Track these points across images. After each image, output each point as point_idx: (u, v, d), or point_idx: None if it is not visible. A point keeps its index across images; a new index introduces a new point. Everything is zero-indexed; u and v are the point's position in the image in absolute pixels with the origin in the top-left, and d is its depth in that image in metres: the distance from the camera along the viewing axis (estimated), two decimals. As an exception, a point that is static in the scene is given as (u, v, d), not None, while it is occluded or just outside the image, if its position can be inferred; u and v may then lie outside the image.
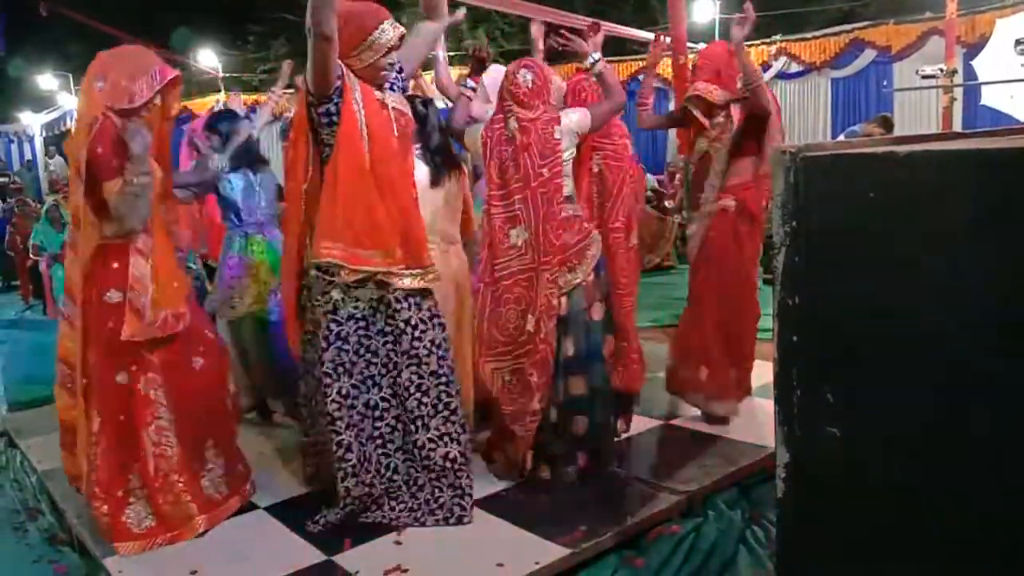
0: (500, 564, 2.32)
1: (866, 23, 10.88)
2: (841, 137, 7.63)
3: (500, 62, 3.83)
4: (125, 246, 2.54)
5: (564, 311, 2.83)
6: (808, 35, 11.15)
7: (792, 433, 1.26)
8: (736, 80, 3.35)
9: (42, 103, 17.83)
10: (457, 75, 4.63)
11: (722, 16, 14.09)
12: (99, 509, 2.57)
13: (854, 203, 1.15)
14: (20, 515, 3.04)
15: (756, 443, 3.16)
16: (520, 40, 18.32)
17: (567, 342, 2.86)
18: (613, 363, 3.05)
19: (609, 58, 6.63)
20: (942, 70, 7.24)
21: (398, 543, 2.51)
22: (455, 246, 3.16)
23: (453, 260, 3.10)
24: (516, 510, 2.69)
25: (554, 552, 2.38)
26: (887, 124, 6.45)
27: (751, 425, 3.37)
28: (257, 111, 4.26)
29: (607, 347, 2.96)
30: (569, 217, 2.85)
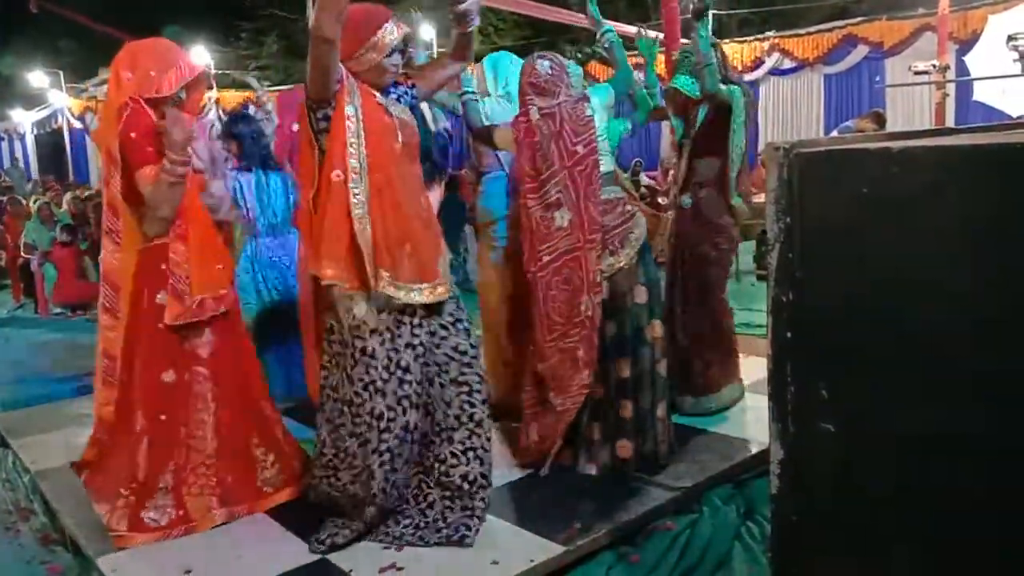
0: (495, 562, 2.32)
1: (859, 19, 10.92)
2: (834, 133, 7.65)
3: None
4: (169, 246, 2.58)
5: (606, 294, 2.82)
6: (801, 31, 11.20)
7: (786, 429, 1.26)
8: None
9: (33, 100, 17.76)
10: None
11: (715, 12, 14.11)
12: (120, 501, 2.58)
13: (848, 199, 1.15)
14: (12, 516, 3.02)
15: (751, 439, 3.16)
16: (513, 36, 18.32)
17: (609, 325, 2.85)
18: (662, 348, 2.97)
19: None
20: (935, 66, 7.27)
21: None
22: None
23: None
24: (511, 507, 2.68)
25: (549, 549, 2.38)
26: (880, 120, 6.46)
27: (746, 421, 3.37)
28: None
29: (652, 331, 2.92)
30: (611, 199, 2.86)
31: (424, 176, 2.74)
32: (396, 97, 2.48)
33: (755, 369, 3.50)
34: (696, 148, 3.38)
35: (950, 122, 8.17)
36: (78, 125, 16.63)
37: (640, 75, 3.29)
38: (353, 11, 2.30)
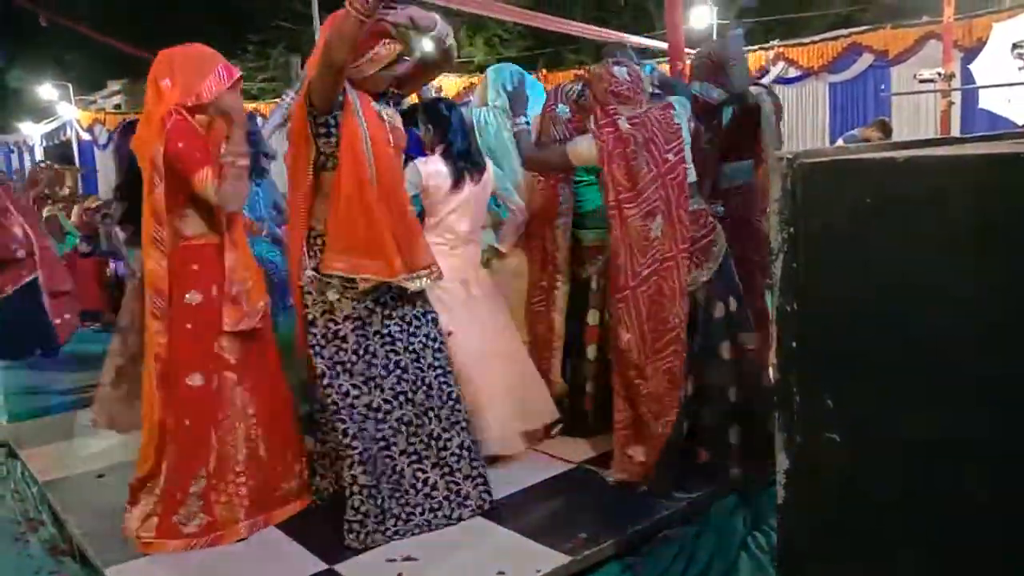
0: (501, 572, 2.32)
1: (864, 28, 10.91)
2: (839, 142, 7.64)
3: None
4: (204, 247, 2.60)
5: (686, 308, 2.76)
6: (806, 40, 11.19)
7: (792, 439, 1.26)
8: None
9: (42, 113, 17.89)
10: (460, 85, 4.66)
11: (719, 21, 14.14)
12: (149, 506, 2.58)
13: (852, 209, 1.15)
14: (21, 526, 3.03)
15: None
16: (517, 47, 18.40)
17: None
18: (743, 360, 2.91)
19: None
20: (940, 74, 7.27)
21: (399, 552, 2.49)
22: (468, 245, 3.17)
23: (455, 260, 3.06)
24: (517, 517, 2.68)
25: (555, 559, 2.38)
26: (885, 128, 6.46)
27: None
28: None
29: (728, 349, 2.86)
30: (695, 210, 2.80)
31: (463, 173, 3.06)
32: (385, 102, 2.66)
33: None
34: (722, 150, 3.28)
35: (955, 130, 8.15)
36: (87, 137, 16.75)
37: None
38: None
